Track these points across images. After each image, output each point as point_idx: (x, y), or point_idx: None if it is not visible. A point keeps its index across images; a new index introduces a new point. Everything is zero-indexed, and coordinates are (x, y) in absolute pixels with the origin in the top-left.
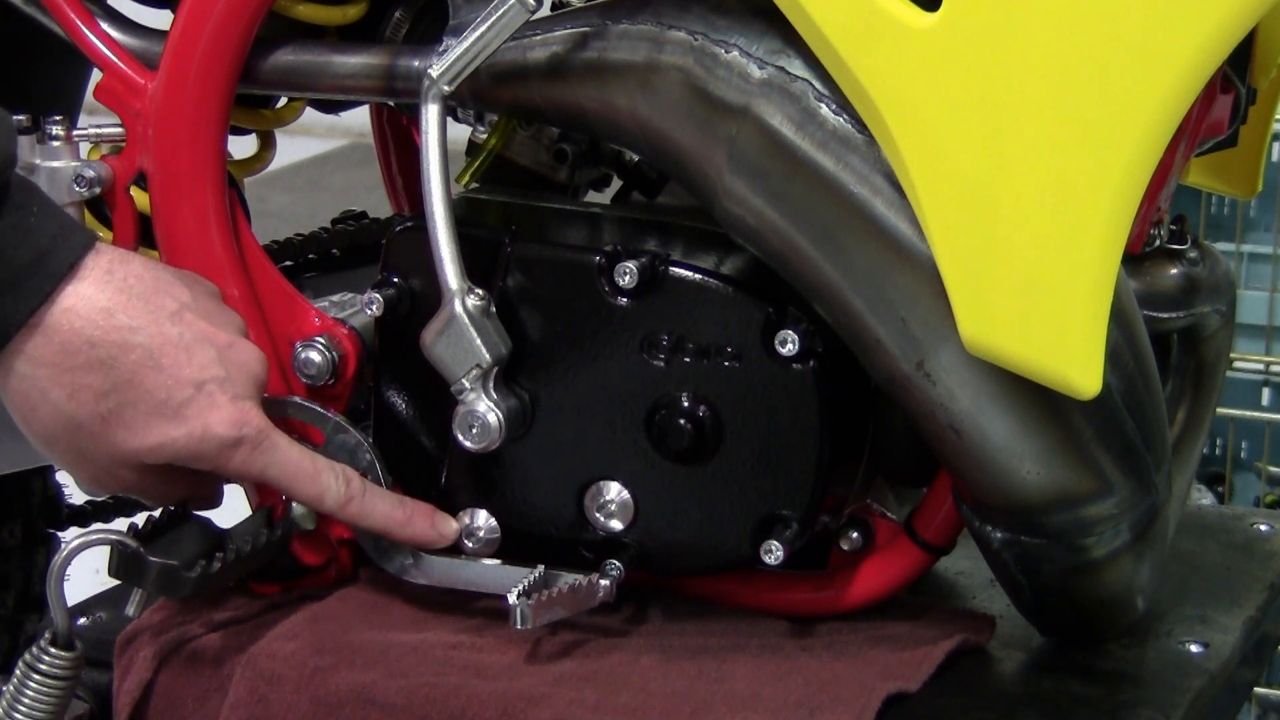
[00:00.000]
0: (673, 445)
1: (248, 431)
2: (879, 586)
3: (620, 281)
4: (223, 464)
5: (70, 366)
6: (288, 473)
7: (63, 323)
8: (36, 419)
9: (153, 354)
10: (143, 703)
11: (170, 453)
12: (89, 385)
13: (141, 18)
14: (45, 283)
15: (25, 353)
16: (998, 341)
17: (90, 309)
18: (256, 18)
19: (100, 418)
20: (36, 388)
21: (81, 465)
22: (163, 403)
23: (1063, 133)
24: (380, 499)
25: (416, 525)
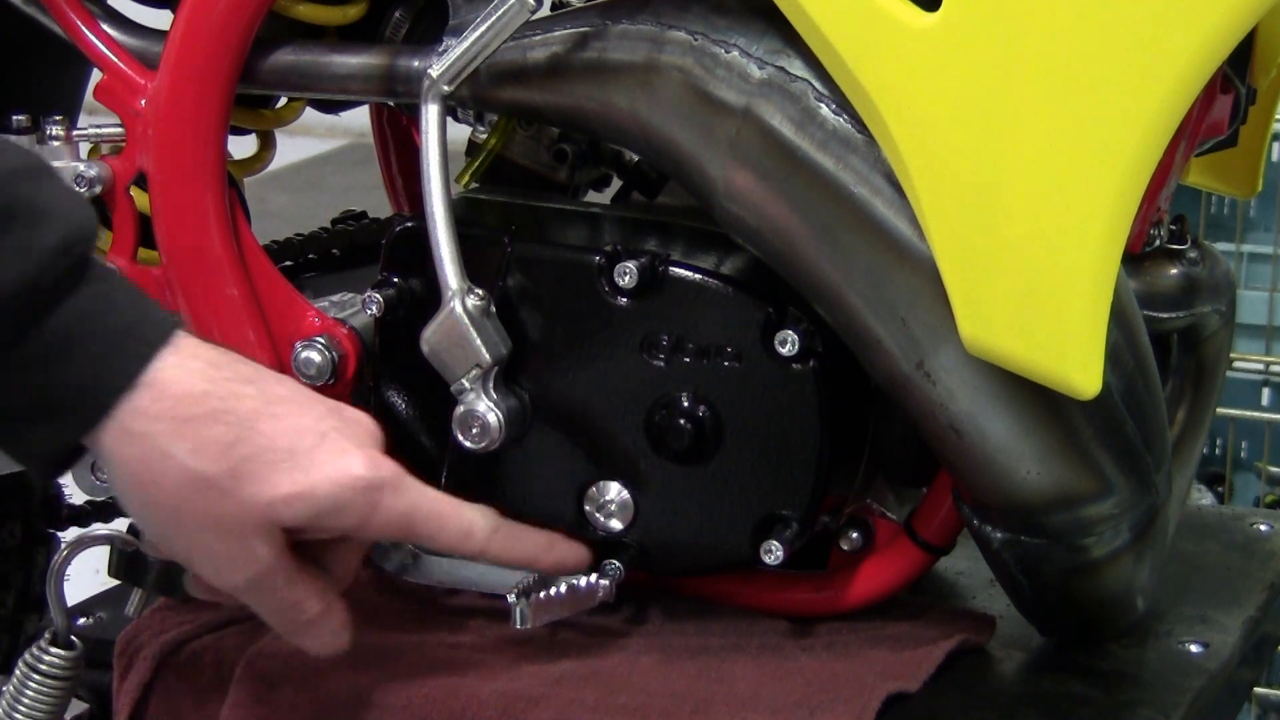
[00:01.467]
0: (673, 445)
1: (385, 473)
2: (879, 586)
3: (620, 281)
4: (368, 514)
5: (190, 418)
6: (434, 513)
7: (174, 376)
8: (162, 486)
9: (268, 403)
10: (143, 703)
11: (309, 504)
12: (213, 438)
13: (141, 18)
14: (144, 346)
15: (140, 410)
16: (998, 341)
17: (197, 363)
18: (256, 18)
19: (230, 472)
20: (157, 448)
21: (215, 539)
22: (290, 450)
23: (1063, 133)
24: (521, 528)
25: (559, 549)
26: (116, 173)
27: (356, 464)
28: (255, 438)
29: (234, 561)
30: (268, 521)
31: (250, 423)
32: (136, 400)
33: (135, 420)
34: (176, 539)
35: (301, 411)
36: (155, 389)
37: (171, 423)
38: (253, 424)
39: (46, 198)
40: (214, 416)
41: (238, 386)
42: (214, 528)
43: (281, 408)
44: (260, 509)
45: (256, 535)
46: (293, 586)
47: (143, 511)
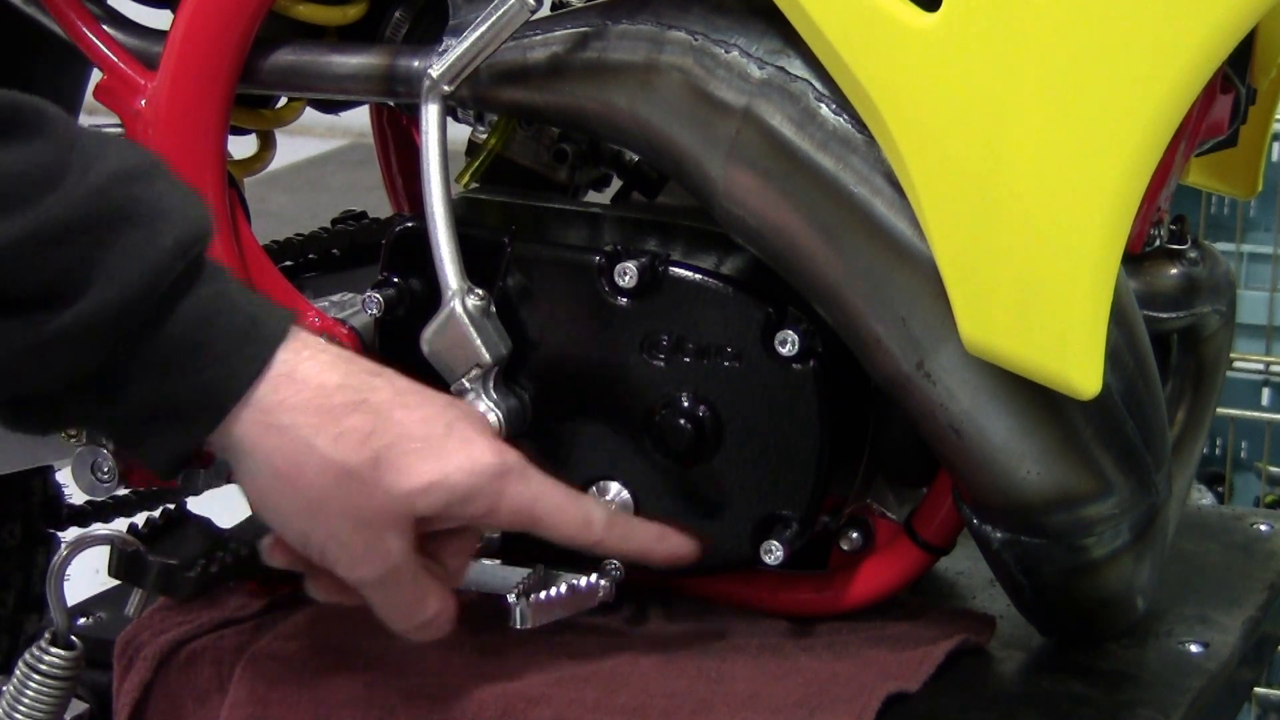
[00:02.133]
0: (673, 445)
1: (511, 459)
2: (879, 586)
3: (620, 281)
4: (495, 501)
5: (330, 409)
6: (556, 502)
7: (309, 368)
8: (305, 478)
9: (399, 393)
10: (143, 703)
11: (445, 492)
12: (354, 427)
13: (141, 18)
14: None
15: (284, 402)
16: (998, 341)
17: (326, 355)
18: (256, 18)
19: (370, 462)
20: (301, 439)
21: (353, 531)
22: (424, 439)
23: (1063, 133)
24: (634, 520)
25: (672, 540)
26: None
27: (485, 451)
28: (392, 427)
29: (369, 555)
30: (404, 513)
31: (386, 412)
32: (280, 393)
33: (279, 413)
34: (314, 533)
35: (429, 400)
36: (296, 381)
37: (314, 414)
38: (389, 413)
39: (161, 197)
40: (353, 407)
41: (368, 378)
42: (353, 519)
43: (411, 398)
44: (399, 499)
45: (392, 528)
46: (418, 582)
47: (283, 505)
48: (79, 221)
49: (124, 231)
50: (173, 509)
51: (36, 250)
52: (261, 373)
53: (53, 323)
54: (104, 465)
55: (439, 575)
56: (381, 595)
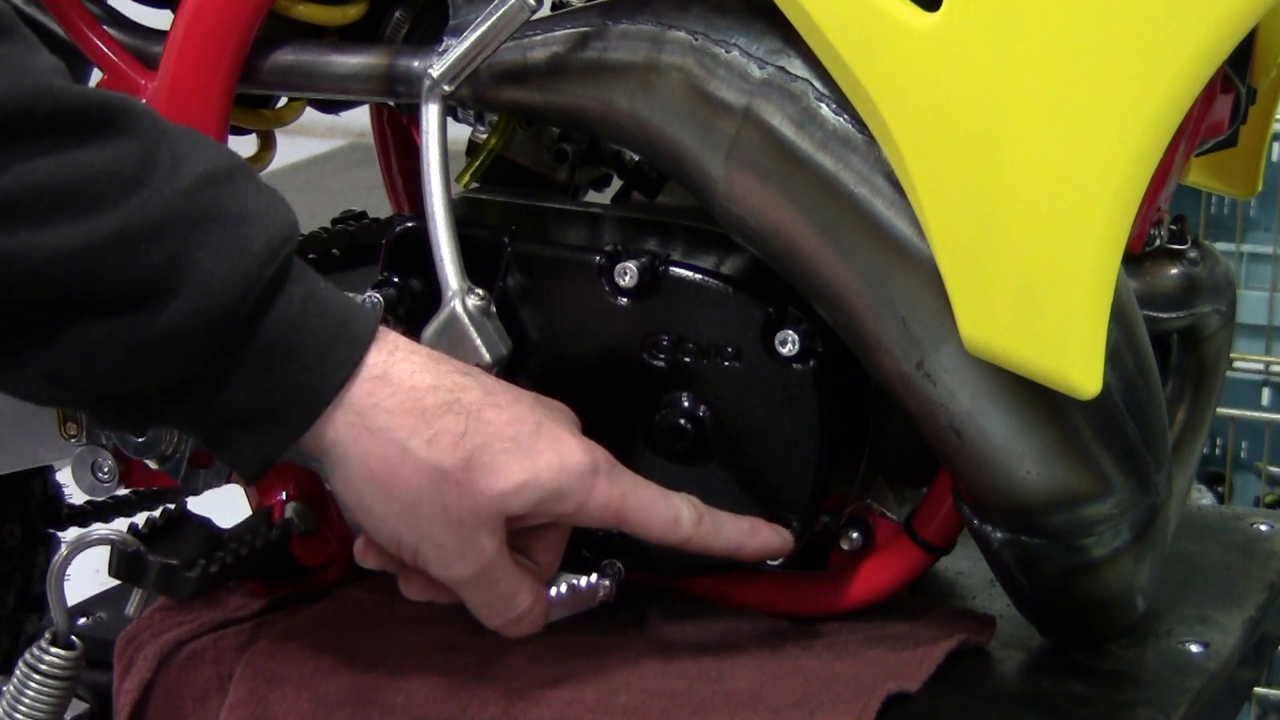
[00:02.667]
0: (673, 445)
1: (599, 457)
2: (879, 586)
3: (620, 281)
4: (584, 499)
5: (423, 411)
6: (644, 499)
7: (402, 369)
8: (399, 480)
9: (488, 393)
10: (143, 703)
11: (535, 491)
12: (447, 429)
13: (141, 18)
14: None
15: (379, 404)
16: (998, 341)
17: (418, 357)
18: (256, 18)
19: (463, 463)
20: (395, 442)
21: (446, 532)
22: (514, 439)
23: (1063, 133)
24: (722, 515)
25: (762, 533)
26: None
27: (574, 450)
28: (484, 427)
29: (463, 554)
30: (497, 512)
31: (477, 413)
32: (374, 395)
33: (373, 415)
34: (408, 533)
35: (517, 400)
36: (390, 383)
37: (408, 416)
38: (480, 414)
39: (248, 199)
40: (446, 408)
41: (460, 378)
42: (446, 520)
43: (501, 397)
44: (493, 499)
45: (485, 527)
46: (510, 579)
47: (377, 508)
48: (167, 221)
49: (213, 233)
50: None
51: (125, 249)
52: (354, 375)
53: (151, 325)
54: (104, 465)
55: (530, 570)
56: (475, 593)
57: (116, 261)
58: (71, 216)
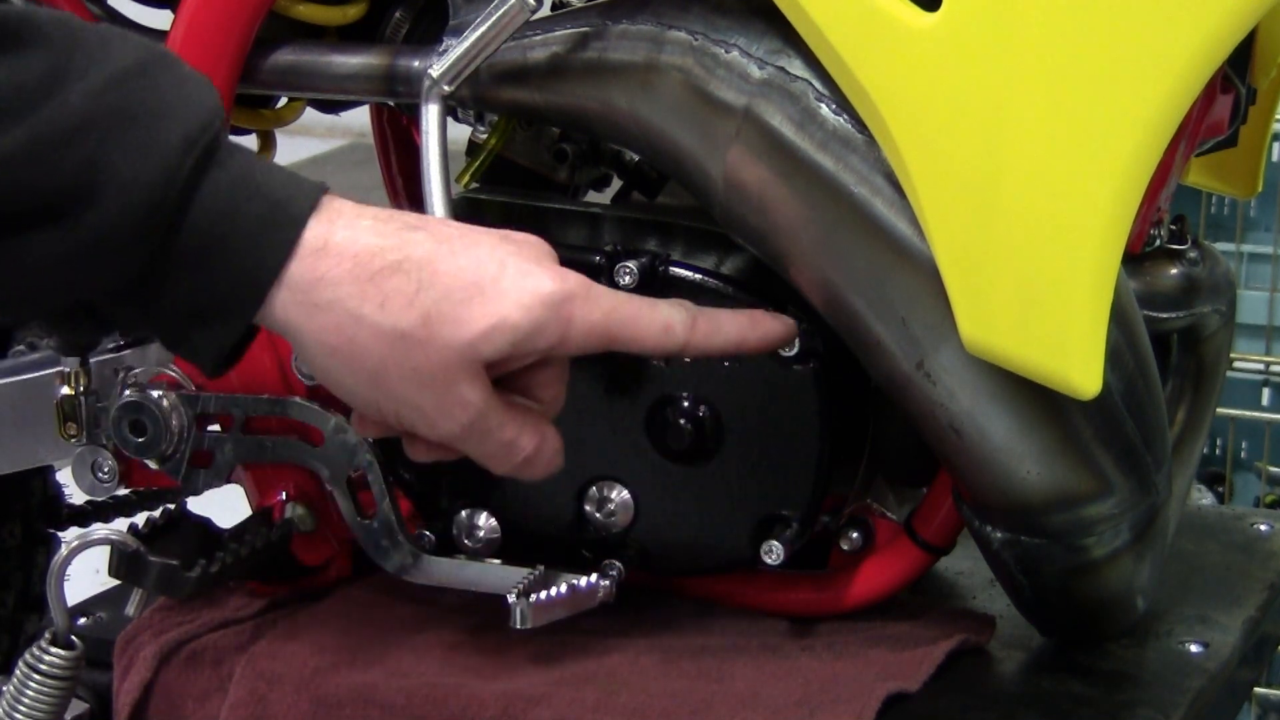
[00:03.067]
0: (673, 445)
1: (573, 284)
2: (879, 586)
3: (620, 281)
4: (564, 329)
5: (370, 276)
6: (629, 316)
7: (343, 237)
8: (359, 349)
9: (441, 243)
10: (143, 703)
11: (507, 333)
12: (398, 289)
13: (141, 18)
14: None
15: (323, 278)
16: (998, 341)
17: (364, 220)
18: (256, 18)
19: (422, 320)
20: (347, 311)
21: (421, 392)
22: (475, 284)
23: (1063, 133)
24: (718, 312)
25: (764, 324)
26: None
27: (543, 281)
28: (438, 280)
29: (446, 412)
30: (470, 362)
31: (429, 266)
32: (316, 269)
33: (318, 290)
34: (384, 400)
35: (475, 244)
36: (332, 254)
37: (354, 283)
38: (432, 267)
39: (164, 91)
40: (393, 268)
41: (407, 234)
42: (418, 381)
43: (455, 244)
44: (460, 351)
45: (462, 379)
46: (506, 426)
47: (346, 380)
48: (78, 126)
49: (128, 132)
50: (173, 509)
51: (37, 161)
52: (292, 253)
53: (76, 235)
54: (104, 465)
55: (532, 411)
56: (473, 446)
57: (31, 174)
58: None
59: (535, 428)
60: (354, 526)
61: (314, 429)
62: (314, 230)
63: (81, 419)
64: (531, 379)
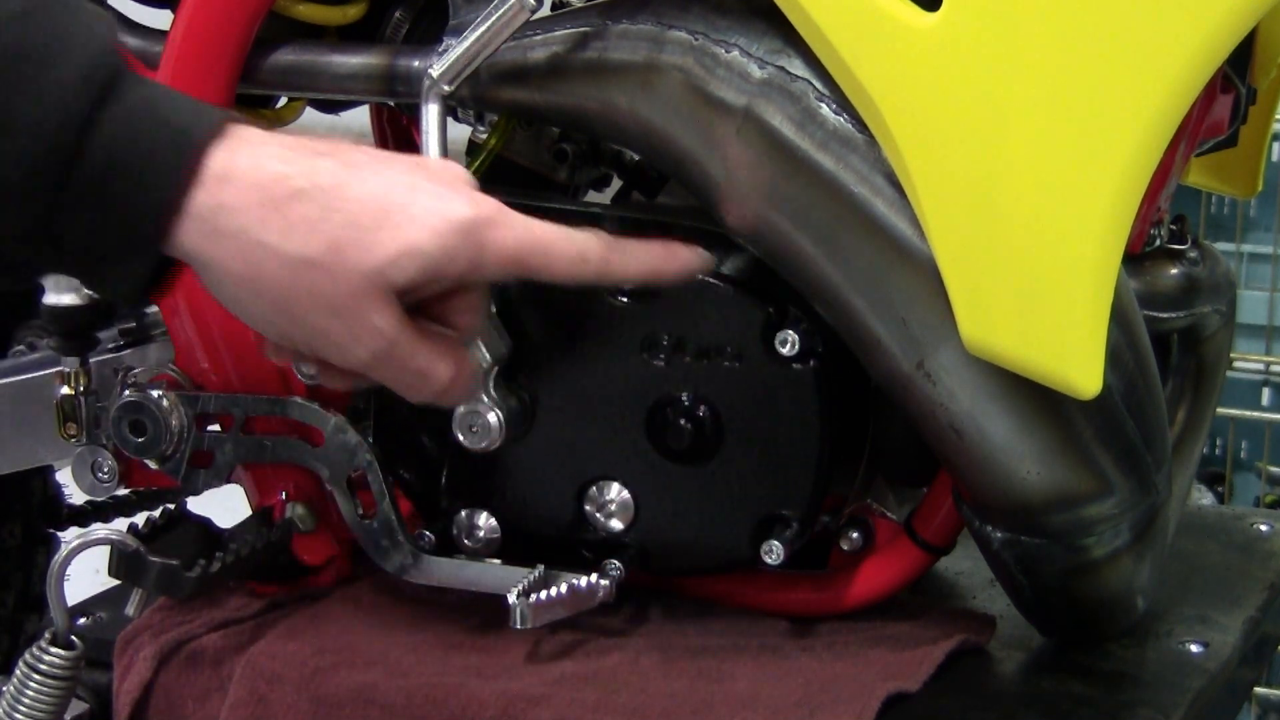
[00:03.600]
0: (673, 445)
1: (487, 209)
2: (879, 586)
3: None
4: (477, 255)
5: (274, 202)
6: (544, 242)
7: (246, 164)
8: (266, 277)
9: (348, 169)
10: (143, 703)
11: (416, 259)
12: (303, 216)
13: (141, 18)
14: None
15: (225, 205)
16: (998, 341)
17: (269, 148)
18: (256, 18)
19: (328, 247)
20: (251, 239)
21: (330, 319)
22: (384, 209)
23: (1063, 133)
24: (633, 242)
25: (679, 254)
26: None
27: (455, 206)
28: (345, 206)
29: (355, 339)
30: (379, 288)
31: (335, 192)
32: (218, 196)
33: (221, 217)
34: (293, 328)
35: (386, 168)
36: (235, 181)
37: (259, 211)
38: (338, 193)
39: (60, 28)
40: (298, 195)
41: (313, 160)
42: (327, 308)
43: (364, 170)
44: (368, 277)
45: (371, 306)
46: (418, 354)
47: (254, 310)
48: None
49: (23, 73)
50: (173, 509)
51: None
52: (193, 181)
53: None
54: (104, 465)
55: (448, 339)
56: (386, 372)
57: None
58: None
59: (451, 356)
60: (354, 526)
61: (314, 429)
62: (217, 157)
63: (81, 419)
64: (447, 306)
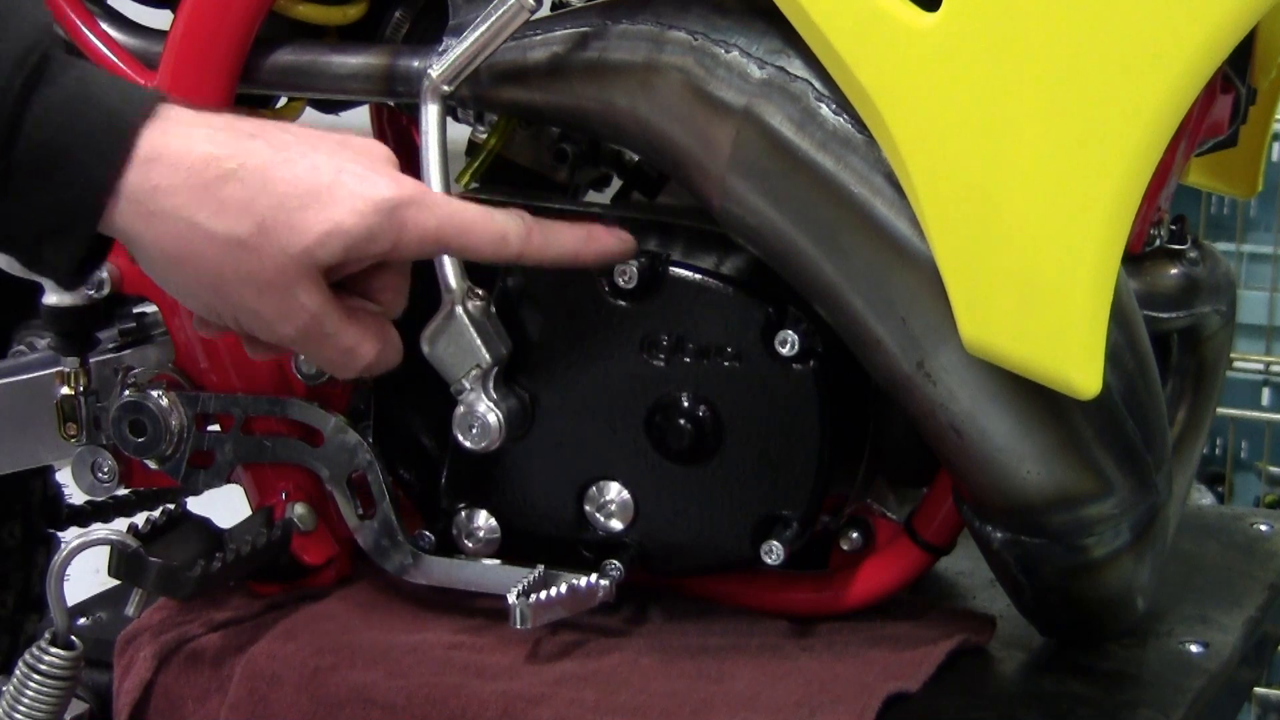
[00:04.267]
0: (673, 445)
1: (409, 190)
2: (879, 586)
3: (620, 281)
4: (398, 234)
5: (205, 184)
6: (464, 223)
7: (178, 146)
8: (197, 256)
9: (277, 150)
10: (143, 703)
11: (342, 238)
12: (233, 197)
13: (141, 18)
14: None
15: (158, 186)
16: (998, 341)
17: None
18: (256, 18)
19: (258, 226)
20: (183, 219)
21: (258, 297)
22: (311, 190)
23: (1063, 133)
24: (555, 224)
25: (601, 238)
26: None
27: (379, 186)
28: (273, 187)
29: (284, 315)
30: (306, 268)
31: (264, 173)
32: (151, 178)
33: (154, 199)
34: (222, 305)
35: (312, 150)
36: (166, 163)
37: (190, 192)
38: (267, 174)
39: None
40: (228, 176)
41: (244, 143)
42: (255, 286)
43: (291, 152)
44: (295, 257)
45: (298, 284)
46: (345, 330)
47: (185, 287)
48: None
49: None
50: (173, 509)
51: None
52: (126, 163)
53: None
54: (104, 465)
55: (373, 315)
56: (312, 348)
57: None
58: None
59: (376, 333)
60: (354, 526)
61: (314, 429)
62: (148, 139)
63: (81, 419)
64: (371, 282)
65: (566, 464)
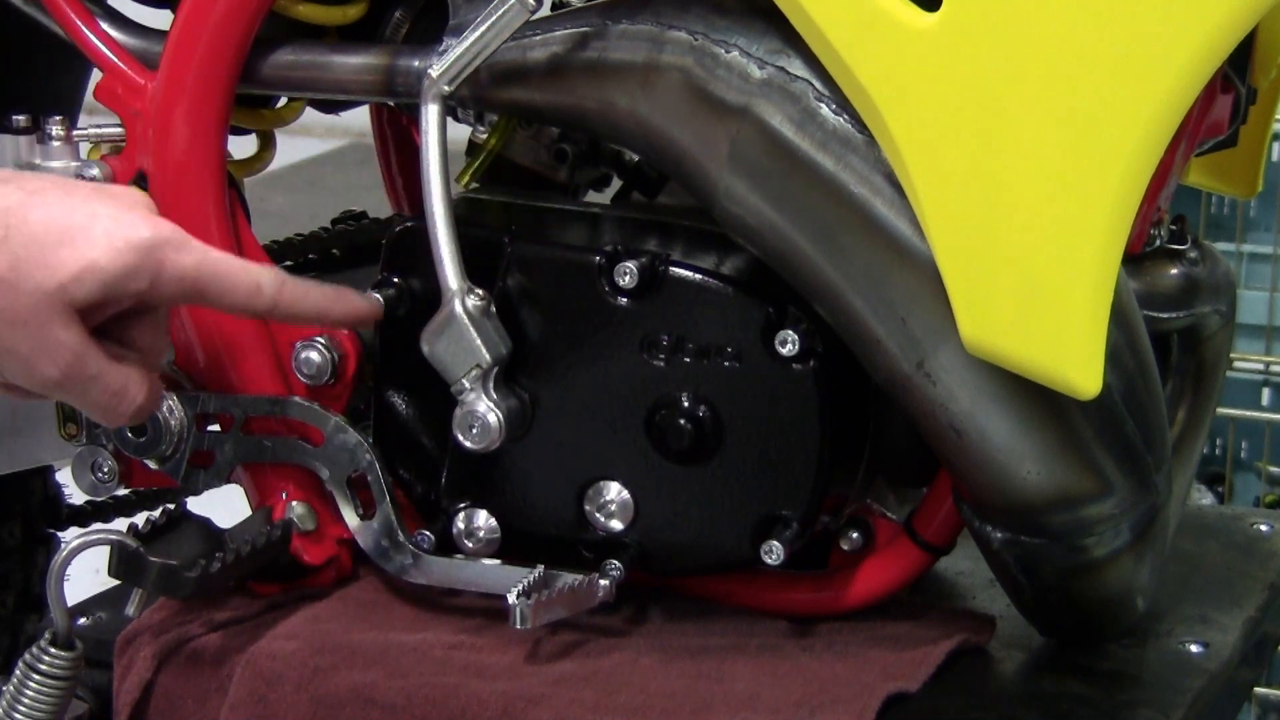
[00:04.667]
0: (673, 445)
1: (166, 232)
2: (879, 586)
3: (620, 281)
4: (155, 274)
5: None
6: (220, 270)
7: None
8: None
9: (31, 194)
10: (143, 703)
11: (97, 275)
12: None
13: (141, 18)
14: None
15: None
16: (998, 341)
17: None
18: (256, 18)
19: (10, 264)
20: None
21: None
22: (66, 230)
23: (1063, 133)
24: (305, 281)
25: (348, 300)
26: (116, 173)
27: (136, 227)
28: (26, 226)
29: (41, 352)
30: (61, 306)
31: (18, 214)
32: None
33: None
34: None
35: (68, 194)
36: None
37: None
38: (21, 215)
39: None
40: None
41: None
42: (10, 325)
43: (47, 195)
44: (50, 293)
45: (55, 323)
46: (111, 371)
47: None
48: None
49: None
50: (173, 509)
51: None
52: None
53: None
54: (104, 465)
55: (134, 360)
56: (78, 392)
57: None
58: None
59: (140, 377)
60: (354, 526)
61: (314, 429)
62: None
63: (81, 419)
64: (129, 328)
65: (566, 464)
